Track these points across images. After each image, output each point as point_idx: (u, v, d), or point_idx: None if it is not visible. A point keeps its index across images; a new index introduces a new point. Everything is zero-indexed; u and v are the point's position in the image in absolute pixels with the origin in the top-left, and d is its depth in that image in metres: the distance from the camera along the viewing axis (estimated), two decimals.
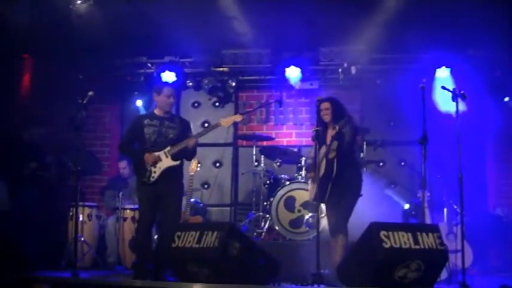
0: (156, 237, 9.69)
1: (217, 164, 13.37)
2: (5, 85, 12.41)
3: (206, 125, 13.22)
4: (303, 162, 11.10)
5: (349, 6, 10.57)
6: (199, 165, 10.94)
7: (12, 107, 12.43)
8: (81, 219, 10.69)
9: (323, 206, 8.94)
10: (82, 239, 10.62)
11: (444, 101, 10.37)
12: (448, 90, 8.49)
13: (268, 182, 11.58)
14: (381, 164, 12.57)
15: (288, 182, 11.04)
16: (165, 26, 11.16)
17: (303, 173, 11.02)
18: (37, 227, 10.64)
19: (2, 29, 11.00)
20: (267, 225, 11.01)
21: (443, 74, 11.92)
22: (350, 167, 8.54)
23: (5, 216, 10.27)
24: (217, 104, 13.42)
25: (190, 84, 13.14)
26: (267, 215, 11.06)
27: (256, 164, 11.81)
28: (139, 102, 13.04)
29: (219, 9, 11.20)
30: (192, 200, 11.36)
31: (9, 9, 10.64)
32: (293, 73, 12.57)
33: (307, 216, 10.54)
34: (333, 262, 8.28)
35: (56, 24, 11.04)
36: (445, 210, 10.11)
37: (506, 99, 11.96)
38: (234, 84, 13.06)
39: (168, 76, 12.73)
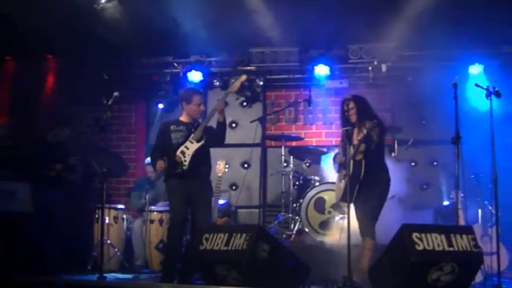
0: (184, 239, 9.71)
1: (245, 165, 13.35)
2: (29, 86, 12.51)
3: (234, 125, 13.23)
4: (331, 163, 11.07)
5: (379, 1, 10.52)
6: (227, 166, 10.96)
7: (36, 108, 12.52)
8: (107, 221, 10.72)
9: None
10: (108, 241, 10.65)
11: (477, 99, 10.29)
12: (482, 87, 8.42)
13: (297, 183, 11.54)
14: (413, 164, 12.50)
15: (317, 183, 11.01)
16: (190, 25, 11.15)
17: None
18: (62, 229, 10.68)
19: (25, 29, 11.07)
20: (296, 227, 10.97)
21: (476, 71, 11.82)
22: (378, 169, 8.44)
23: (29, 218, 10.34)
24: (244, 103, 13.39)
25: (217, 83, 13.12)
26: (297, 217, 11.04)
27: (285, 164, 11.78)
28: (160, 106, 13.07)
29: (245, 7, 11.17)
30: (224, 201, 11.38)
31: (32, 9, 10.70)
32: (322, 71, 12.56)
33: (337, 218, 10.49)
34: (359, 266, 8.18)
35: (80, 24, 11.07)
36: (480, 211, 10.03)
37: None
38: (261, 83, 13.04)
39: (195, 75, 12.77)
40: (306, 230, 10.75)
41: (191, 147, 8.82)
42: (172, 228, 8.93)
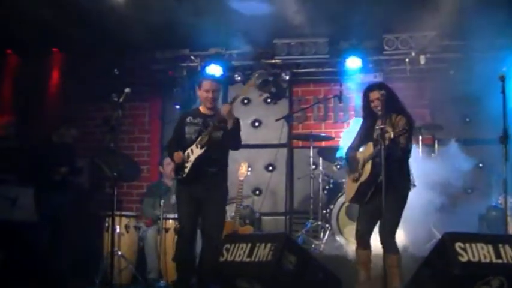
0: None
1: (270, 168, 13.31)
2: (32, 81, 12.52)
3: (257, 124, 13.18)
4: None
5: None
6: (249, 169, 10.92)
7: (40, 106, 12.53)
8: (118, 230, 10.64)
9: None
10: (119, 252, 10.57)
11: None
12: None
13: (327, 187, 11.52)
14: (456, 165, 12.35)
15: None
16: (209, 14, 11.10)
17: None
18: (68, 239, 10.68)
19: (27, 20, 11.07)
20: (326, 236, 10.91)
21: None
22: (398, 173, 8.07)
23: (32, 227, 10.32)
24: (269, 100, 13.36)
25: (239, 78, 13.09)
26: (327, 225, 11.00)
27: (313, 167, 11.74)
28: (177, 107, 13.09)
29: None
30: (245, 204, 11.33)
31: None
32: (354, 64, 12.51)
33: None
34: (392, 286, 7.95)
35: (88, 15, 11.06)
36: None
37: None
38: (287, 77, 13.02)
39: (214, 70, 12.73)
40: (337, 239, 10.68)
41: (195, 152, 8.63)
42: (180, 239, 8.86)
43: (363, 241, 8.22)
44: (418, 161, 10.22)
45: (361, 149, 8.32)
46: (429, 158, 10.83)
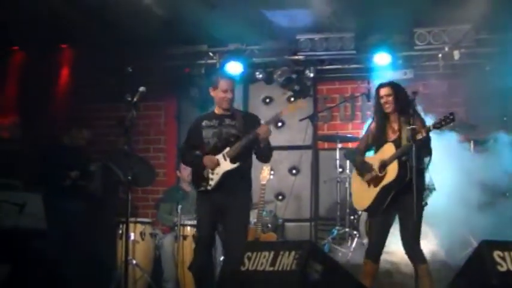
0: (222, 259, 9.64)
1: (294, 171, 13.28)
2: (40, 80, 12.52)
3: (280, 124, 13.11)
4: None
5: None
6: (272, 172, 10.84)
7: (49, 106, 12.54)
8: (132, 238, 10.63)
9: None
10: (134, 261, 10.57)
11: None
12: None
13: None
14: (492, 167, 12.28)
15: None
16: (228, 8, 11.06)
17: None
18: (80, 247, 10.68)
19: (34, 14, 11.07)
20: (354, 244, 10.86)
21: None
22: (418, 174, 8.00)
23: (41, 235, 10.29)
24: (292, 99, 13.27)
25: (260, 76, 13.07)
26: (354, 232, 10.97)
27: (340, 170, 11.73)
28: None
29: None
30: (268, 210, 11.29)
31: None
32: (382, 60, 12.45)
33: None
34: None
35: (99, 9, 11.04)
36: None
37: None
38: (311, 75, 12.97)
39: (234, 67, 12.68)
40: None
41: (223, 165, 8.51)
42: (198, 247, 8.78)
43: (375, 254, 8.25)
44: (454, 161, 10.17)
45: (371, 152, 8.29)
46: (465, 159, 10.74)
